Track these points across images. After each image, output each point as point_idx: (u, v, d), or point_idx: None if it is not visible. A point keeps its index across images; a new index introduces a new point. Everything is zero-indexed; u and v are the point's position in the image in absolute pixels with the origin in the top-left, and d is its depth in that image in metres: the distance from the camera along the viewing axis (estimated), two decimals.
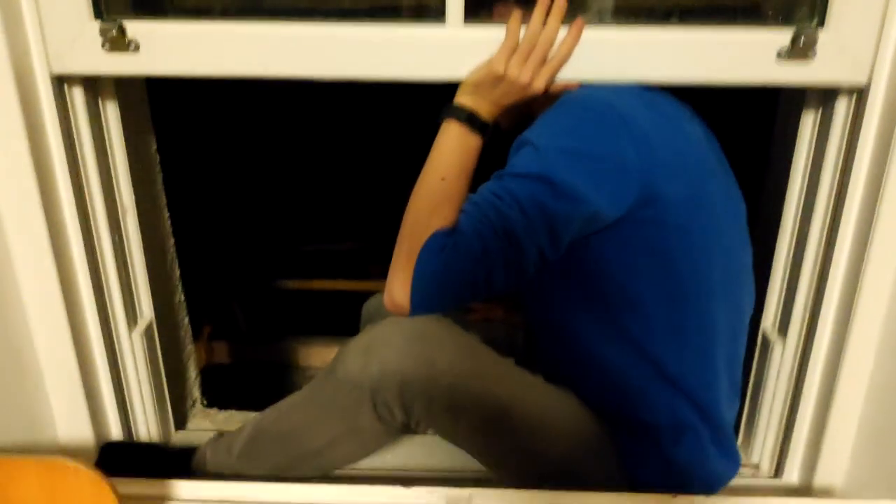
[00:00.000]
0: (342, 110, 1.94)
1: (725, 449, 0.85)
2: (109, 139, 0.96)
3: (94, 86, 0.92)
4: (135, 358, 1.05)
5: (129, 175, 0.99)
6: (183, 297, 1.24)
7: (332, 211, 2.25)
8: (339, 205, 2.23)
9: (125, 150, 0.98)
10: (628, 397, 0.81)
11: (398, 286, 0.75)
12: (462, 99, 0.81)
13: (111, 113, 0.95)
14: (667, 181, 0.74)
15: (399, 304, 0.76)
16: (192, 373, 1.30)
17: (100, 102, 0.93)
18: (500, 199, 0.73)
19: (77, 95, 0.89)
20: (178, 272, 1.21)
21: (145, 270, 1.06)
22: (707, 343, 0.81)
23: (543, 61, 0.79)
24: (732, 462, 0.87)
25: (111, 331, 1.01)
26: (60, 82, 0.85)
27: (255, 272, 2.18)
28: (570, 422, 0.82)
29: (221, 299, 2.07)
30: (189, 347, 1.28)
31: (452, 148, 0.80)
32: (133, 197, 1.01)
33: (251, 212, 2.18)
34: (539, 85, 0.79)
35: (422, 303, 0.75)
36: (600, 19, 0.82)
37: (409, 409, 0.76)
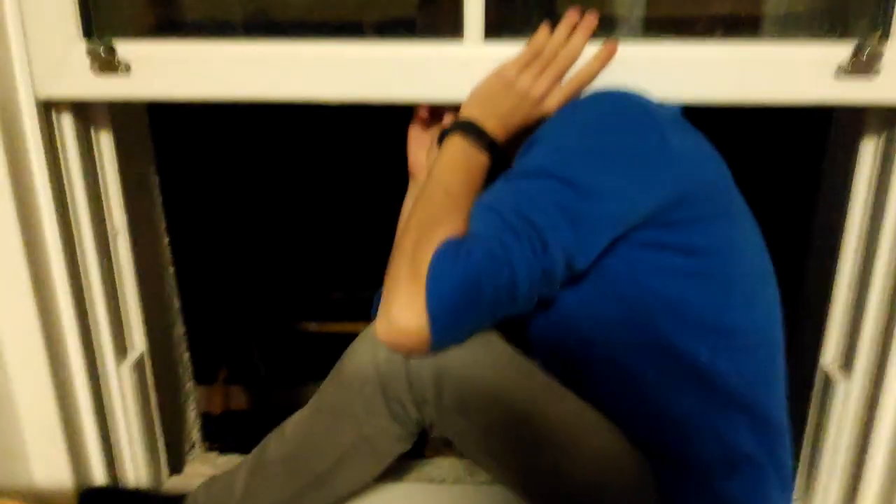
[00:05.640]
0: (369, 157, 1.92)
1: (785, 478, 0.73)
2: (101, 163, 0.93)
3: (86, 111, 0.89)
4: (123, 393, 0.99)
5: (122, 198, 0.96)
6: (184, 331, 1.19)
7: (352, 257, 2.20)
8: (361, 252, 2.19)
9: (117, 174, 0.94)
10: (671, 427, 0.70)
11: (403, 310, 0.62)
12: (467, 112, 0.74)
13: (104, 138, 0.92)
14: (696, 167, 0.70)
15: (407, 331, 0.63)
16: (192, 413, 1.24)
17: (91, 128, 0.91)
18: (516, 200, 0.65)
19: (66, 121, 0.86)
20: (178, 303, 1.17)
21: (138, 298, 1.01)
22: (766, 341, 0.72)
23: (560, 78, 0.73)
24: (789, 492, 0.75)
25: (96, 362, 0.95)
26: (48, 108, 0.83)
27: (274, 315, 2.15)
28: (606, 445, 0.70)
29: (239, 343, 2.04)
30: (188, 385, 1.23)
31: (457, 163, 0.72)
32: (125, 219, 0.97)
33: (269, 253, 2.16)
34: (551, 104, 0.73)
35: (443, 324, 0.63)
36: (632, 33, 0.76)
37: (420, 402, 0.69)
